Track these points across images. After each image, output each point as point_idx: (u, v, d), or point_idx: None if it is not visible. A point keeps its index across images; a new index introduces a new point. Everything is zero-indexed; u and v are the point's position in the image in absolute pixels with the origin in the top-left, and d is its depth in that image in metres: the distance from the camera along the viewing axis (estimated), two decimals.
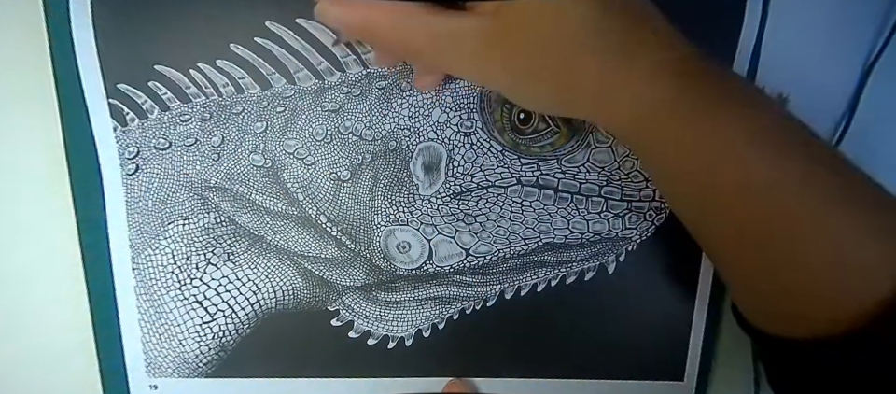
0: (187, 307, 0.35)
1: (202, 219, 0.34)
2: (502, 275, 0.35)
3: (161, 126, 0.33)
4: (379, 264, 0.35)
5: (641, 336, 0.36)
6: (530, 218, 0.34)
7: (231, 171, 0.34)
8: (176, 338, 0.35)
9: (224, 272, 0.35)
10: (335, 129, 0.33)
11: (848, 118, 0.33)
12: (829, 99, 0.33)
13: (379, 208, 0.34)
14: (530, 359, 0.36)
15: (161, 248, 0.34)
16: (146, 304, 0.35)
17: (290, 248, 0.35)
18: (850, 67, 0.33)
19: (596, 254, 0.35)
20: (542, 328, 0.36)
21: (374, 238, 0.34)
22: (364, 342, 0.36)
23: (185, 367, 0.36)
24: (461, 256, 0.35)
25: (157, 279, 0.35)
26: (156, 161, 0.33)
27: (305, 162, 0.34)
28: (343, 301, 0.35)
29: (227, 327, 0.35)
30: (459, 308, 0.36)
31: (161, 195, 0.34)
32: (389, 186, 0.34)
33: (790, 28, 0.32)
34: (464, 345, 0.36)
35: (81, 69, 0.31)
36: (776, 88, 0.32)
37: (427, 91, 0.33)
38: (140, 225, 0.34)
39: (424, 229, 0.34)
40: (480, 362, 0.37)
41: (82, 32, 0.31)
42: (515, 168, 0.33)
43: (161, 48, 0.32)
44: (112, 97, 0.32)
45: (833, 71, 0.33)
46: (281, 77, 0.32)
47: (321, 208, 0.34)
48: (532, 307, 0.35)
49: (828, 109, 0.33)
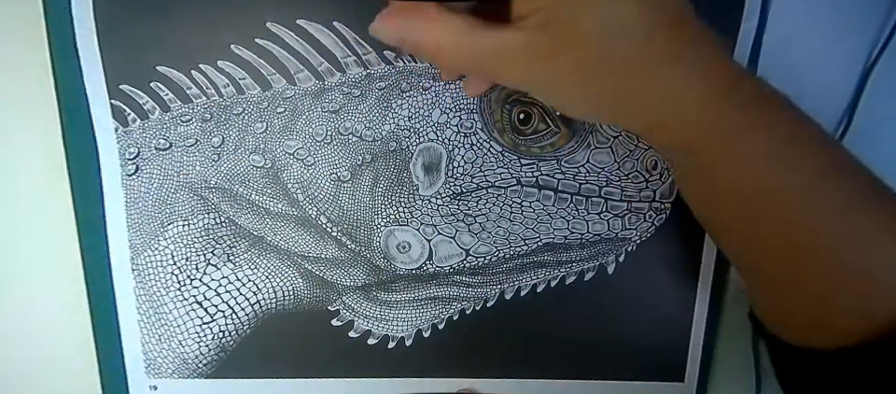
0: (186, 308, 0.35)
1: (201, 220, 0.34)
2: (502, 276, 0.35)
3: (162, 127, 0.33)
4: (379, 264, 0.35)
5: (641, 337, 0.36)
6: (530, 218, 0.34)
7: (232, 171, 0.34)
8: (176, 339, 0.35)
9: (224, 272, 0.35)
10: (335, 129, 0.33)
11: (849, 117, 0.33)
12: (829, 99, 0.33)
13: (379, 209, 0.34)
14: (530, 360, 0.36)
15: (161, 249, 0.34)
16: (145, 305, 0.35)
17: (290, 249, 0.35)
18: (851, 67, 0.33)
19: (596, 254, 0.35)
20: (542, 328, 0.36)
21: (374, 238, 0.34)
22: (364, 342, 0.36)
23: (185, 368, 0.36)
24: (461, 256, 0.35)
25: (156, 280, 0.35)
26: (156, 162, 0.33)
27: (305, 163, 0.34)
28: (343, 301, 0.35)
29: (227, 327, 0.35)
30: (459, 308, 0.36)
31: (160, 196, 0.34)
32: (389, 186, 0.34)
33: (790, 28, 0.32)
34: (464, 346, 0.36)
35: (84, 70, 0.31)
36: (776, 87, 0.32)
37: (425, 91, 0.33)
38: (140, 226, 0.34)
39: (424, 229, 0.34)
40: (480, 362, 0.37)
41: (85, 33, 0.31)
42: (515, 169, 0.33)
43: (163, 48, 0.32)
44: (114, 98, 0.32)
45: (833, 71, 0.33)
46: (281, 77, 0.32)
47: (321, 209, 0.34)
48: (532, 308, 0.35)
49: (828, 109, 0.33)
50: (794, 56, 0.32)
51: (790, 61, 0.32)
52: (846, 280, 0.25)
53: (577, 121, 0.33)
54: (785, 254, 0.26)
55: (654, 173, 0.33)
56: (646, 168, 0.33)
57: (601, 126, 0.33)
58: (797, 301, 0.27)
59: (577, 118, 0.32)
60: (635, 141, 0.33)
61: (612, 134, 0.33)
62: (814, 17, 0.32)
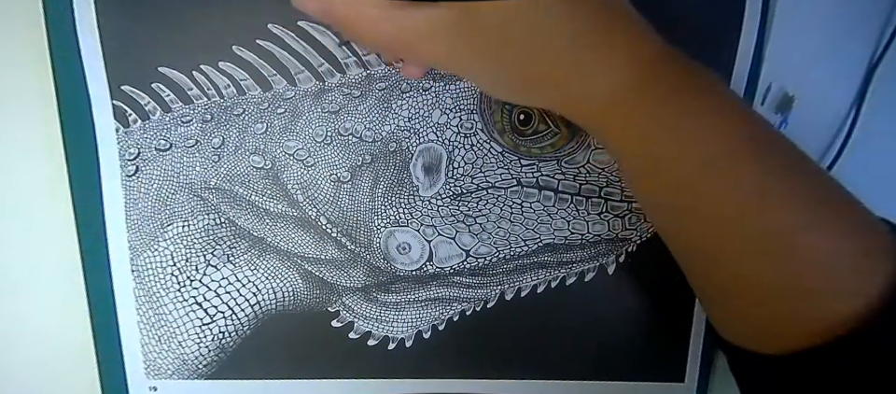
0: (186, 309, 0.35)
1: (201, 221, 0.34)
2: (502, 277, 0.35)
3: (163, 127, 0.33)
4: (379, 265, 0.35)
5: (641, 337, 0.36)
6: (530, 219, 0.34)
7: (231, 172, 0.34)
8: (176, 340, 0.35)
9: (224, 273, 0.35)
10: (335, 130, 0.33)
11: (854, 117, 0.33)
12: (835, 98, 0.33)
13: (379, 209, 0.34)
14: (530, 361, 0.36)
15: (161, 250, 0.34)
16: (145, 306, 0.35)
17: (290, 250, 0.35)
18: (855, 67, 0.33)
19: (596, 255, 0.35)
20: (542, 329, 0.36)
21: (374, 239, 0.34)
22: (364, 343, 0.36)
23: (184, 369, 0.36)
24: (461, 257, 0.35)
25: (156, 281, 0.35)
26: (156, 163, 0.33)
27: (305, 164, 0.34)
28: (343, 302, 0.35)
29: (227, 328, 0.35)
30: (459, 309, 0.36)
31: (160, 197, 0.34)
32: (389, 187, 0.34)
33: (795, 28, 0.32)
34: (464, 347, 0.36)
35: (87, 72, 0.31)
36: (782, 88, 0.32)
37: (425, 91, 0.33)
38: (139, 227, 0.34)
39: (424, 230, 0.34)
40: (480, 364, 0.37)
41: (87, 35, 0.31)
42: (515, 169, 0.34)
43: (164, 49, 0.32)
44: (116, 98, 0.32)
45: (838, 71, 0.33)
46: (282, 78, 0.32)
47: (321, 210, 0.34)
48: (532, 308, 0.36)
49: (833, 109, 0.34)
50: (800, 57, 0.33)
51: (796, 61, 0.33)
52: (787, 291, 0.25)
53: None
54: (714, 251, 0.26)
55: None
56: None
57: None
58: (741, 304, 0.27)
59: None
60: None
61: None
62: (819, 17, 0.32)
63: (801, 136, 0.31)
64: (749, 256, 0.26)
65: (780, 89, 0.33)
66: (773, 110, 0.33)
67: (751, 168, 0.25)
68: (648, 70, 0.25)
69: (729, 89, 0.27)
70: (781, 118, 0.33)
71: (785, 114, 0.33)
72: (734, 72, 0.32)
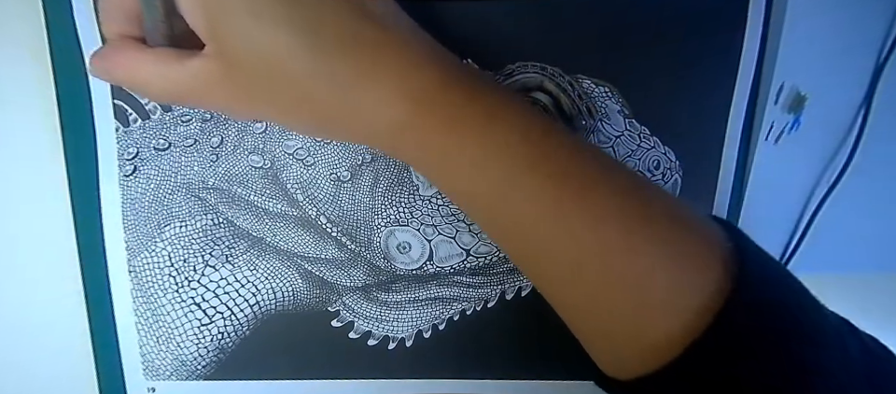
0: (184, 310, 0.35)
1: (199, 221, 0.34)
2: (503, 276, 0.35)
3: (162, 127, 0.33)
4: (379, 265, 0.35)
5: None
6: None
7: (230, 172, 0.33)
8: (174, 341, 0.35)
9: (223, 273, 0.35)
10: None
11: (865, 115, 0.33)
12: (846, 97, 0.33)
13: (379, 209, 0.34)
14: (531, 361, 0.36)
15: (158, 251, 0.34)
16: (143, 307, 0.35)
17: (290, 249, 0.34)
18: (865, 66, 0.33)
19: None
20: (543, 329, 0.36)
21: (374, 239, 0.34)
22: (364, 343, 0.36)
23: (183, 369, 0.36)
24: (461, 256, 0.35)
25: (154, 282, 0.34)
26: (154, 163, 0.33)
27: (305, 163, 0.33)
28: (343, 301, 0.35)
29: (226, 329, 0.35)
30: (460, 309, 0.36)
31: (158, 197, 0.34)
32: (389, 186, 0.34)
33: (807, 27, 0.32)
34: (464, 346, 0.36)
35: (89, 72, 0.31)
36: (794, 87, 0.32)
37: None
38: (137, 227, 0.34)
39: (424, 229, 0.34)
40: (480, 363, 0.36)
41: (87, 34, 0.31)
42: None
43: None
44: (117, 98, 0.32)
45: (849, 70, 0.33)
46: None
47: (321, 209, 0.34)
48: (533, 308, 0.35)
49: (845, 108, 0.34)
50: (811, 55, 0.32)
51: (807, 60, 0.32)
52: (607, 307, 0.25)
53: (577, 122, 0.33)
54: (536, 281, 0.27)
55: (657, 172, 0.34)
56: (647, 168, 0.33)
57: (603, 126, 0.33)
58: (582, 330, 0.27)
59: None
60: (636, 141, 0.33)
61: (614, 134, 0.33)
62: (828, 16, 0.32)
63: (813, 136, 0.31)
64: (563, 283, 0.26)
65: (793, 88, 0.33)
66: (785, 110, 0.33)
67: (550, 193, 0.24)
68: (420, 103, 0.24)
69: (532, 109, 0.27)
70: (794, 118, 0.33)
71: (797, 114, 0.33)
72: (739, 72, 0.32)
